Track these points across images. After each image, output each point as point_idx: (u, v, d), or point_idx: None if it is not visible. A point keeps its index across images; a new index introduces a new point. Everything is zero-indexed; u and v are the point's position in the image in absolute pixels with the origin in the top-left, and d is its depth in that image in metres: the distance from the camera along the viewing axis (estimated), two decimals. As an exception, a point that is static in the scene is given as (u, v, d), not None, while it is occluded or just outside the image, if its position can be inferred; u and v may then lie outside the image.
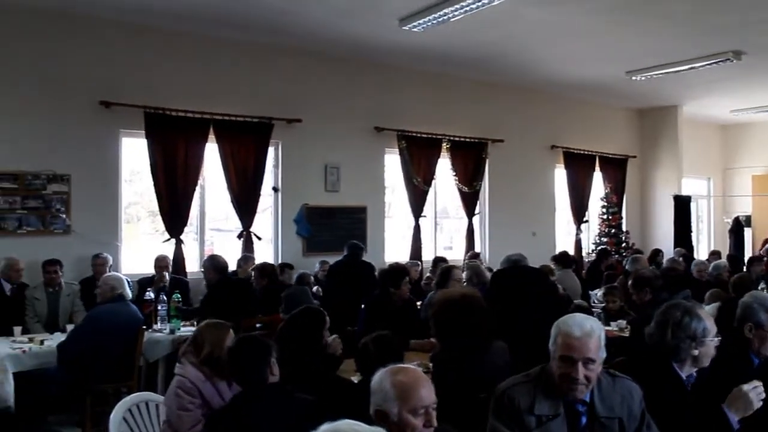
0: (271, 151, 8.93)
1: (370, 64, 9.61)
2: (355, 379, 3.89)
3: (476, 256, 9.89)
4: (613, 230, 12.35)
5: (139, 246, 8.64)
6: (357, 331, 5.42)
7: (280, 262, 8.54)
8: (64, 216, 7.47)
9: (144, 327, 5.92)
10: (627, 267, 8.51)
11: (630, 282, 5.72)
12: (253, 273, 7.20)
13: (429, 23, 7.67)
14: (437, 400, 2.41)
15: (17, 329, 6.10)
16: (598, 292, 8.51)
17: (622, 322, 6.45)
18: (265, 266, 7.25)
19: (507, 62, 9.84)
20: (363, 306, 5.89)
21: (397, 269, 5.87)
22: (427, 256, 10.07)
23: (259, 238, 8.73)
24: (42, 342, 5.80)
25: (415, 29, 7.92)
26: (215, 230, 9.06)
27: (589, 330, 2.66)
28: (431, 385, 2.42)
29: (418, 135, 10.04)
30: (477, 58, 9.55)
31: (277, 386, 3.15)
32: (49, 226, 7.41)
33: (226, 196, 8.60)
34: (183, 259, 8.11)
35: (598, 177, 12.76)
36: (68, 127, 7.49)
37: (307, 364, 3.68)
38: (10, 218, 7.20)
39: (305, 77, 9.13)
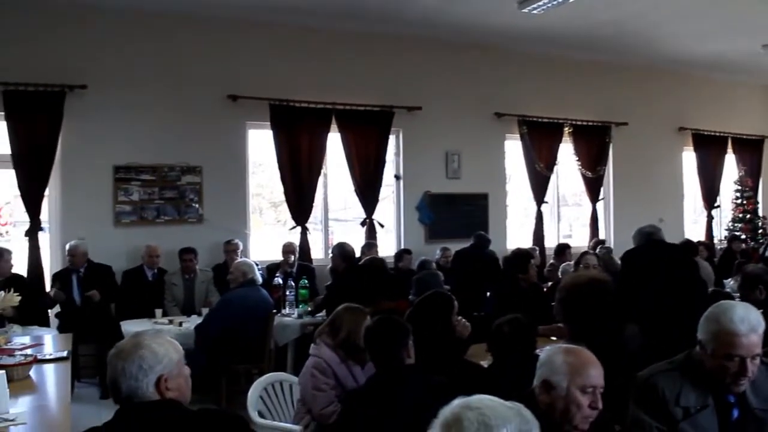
0: (392, 139, 8.99)
1: (488, 49, 9.49)
2: (485, 363, 3.87)
3: (601, 243, 9.61)
4: (748, 216, 11.66)
5: (264, 236, 8.94)
6: (484, 317, 5.40)
7: (400, 249, 8.63)
8: (196, 205, 7.84)
9: (273, 311, 6.12)
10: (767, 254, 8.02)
11: (738, 283, 5.09)
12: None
13: (548, 4, 7.49)
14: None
15: (159, 312, 6.47)
16: (731, 281, 8.07)
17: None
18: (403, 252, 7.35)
19: (629, 41, 9.46)
20: (489, 293, 5.87)
21: (522, 253, 5.82)
22: (549, 243, 9.87)
23: (382, 226, 8.83)
24: (180, 324, 6.13)
25: (534, 11, 7.75)
26: (334, 220, 9.22)
27: (755, 324, 2.43)
28: (601, 369, 2.38)
29: (539, 120, 9.84)
30: (598, 38, 9.24)
31: (412, 368, 3.18)
32: (184, 215, 7.80)
33: (346, 186, 8.75)
34: (309, 247, 8.32)
35: (730, 160, 12.03)
36: (199, 121, 7.84)
37: (436, 348, 3.70)
38: (150, 208, 7.64)
39: (424, 65, 9.12)
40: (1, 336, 5.11)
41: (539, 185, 9.91)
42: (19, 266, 6.87)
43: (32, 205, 7.16)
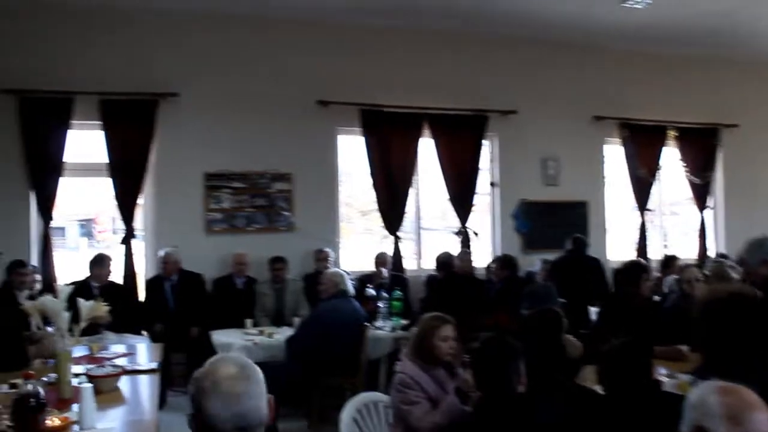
0: (486, 144, 8.67)
1: (586, 48, 9.02)
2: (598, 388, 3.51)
3: (723, 256, 8.94)
4: None
5: (355, 244, 8.76)
6: (590, 335, 5.01)
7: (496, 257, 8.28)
8: (287, 213, 7.73)
9: (366, 323, 5.90)
10: None
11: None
12: (492, 264, 7.00)
13: (651, -3, 7.04)
14: None
15: (249, 321, 6.34)
16: None
17: None
18: (506, 257, 7.02)
19: (742, 34, 8.74)
20: (598, 308, 5.47)
21: (636, 265, 5.39)
22: (652, 254, 9.30)
23: (476, 234, 8.51)
24: (271, 335, 5.97)
25: (636, 5, 7.30)
26: (425, 229, 8.94)
27: None
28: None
29: (642, 123, 9.28)
30: (706, 32, 8.57)
31: (524, 396, 2.87)
32: (274, 223, 7.70)
33: (439, 193, 8.48)
34: (401, 257, 8.09)
35: None
36: (289, 127, 7.74)
37: (547, 371, 3.37)
38: (240, 216, 7.58)
39: (518, 66, 8.76)
40: (96, 343, 5.09)
41: (641, 192, 9.36)
42: (115, 273, 6.92)
43: (127, 213, 7.22)
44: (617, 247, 9.47)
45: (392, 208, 8.10)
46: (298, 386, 5.60)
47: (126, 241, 7.24)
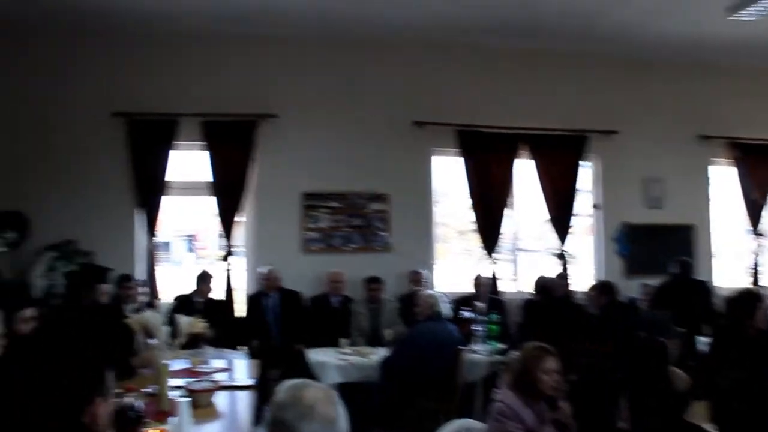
0: (587, 165, 8.43)
1: (691, 65, 8.63)
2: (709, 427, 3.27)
3: None
4: None
5: (451, 266, 8.65)
6: (699, 368, 4.72)
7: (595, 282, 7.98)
8: (383, 233, 7.73)
9: (462, 347, 5.77)
10: None
11: None
12: (590, 291, 6.78)
13: (763, 10, 6.64)
14: None
15: (344, 341, 6.33)
16: None
17: None
18: (604, 283, 6.77)
19: None
20: (707, 336, 5.16)
21: (749, 294, 5.04)
22: (766, 281, 8.75)
23: (574, 258, 8.25)
24: (366, 355, 5.94)
25: (745, 18, 6.91)
26: (522, 250, 8.74)
27: None
28: None
29: (752, 142, 8.78)
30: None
31: None
32: (370, 243, 7.70)
33: (537, 215, 8.29)
34: (498, 279, 7.93)
35: None
36: (386, 148, 7.76)
37: (652, 406, 3.18)
38: (337, 236, 7.63)
39: (619, 85, 8.47)
40: (196, 357, 5.19)
41: (754, 216, 8.84)
42: (216, 288, 7.14)
43: (227, 231, 7.38)
44: (725, 273, 8.98)
45: (489, 229, 7.96)
46: (391, 408, 5.53)
47: (226, 257, 7.40)
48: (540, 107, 8.13)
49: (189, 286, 6.98)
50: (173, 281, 7.70)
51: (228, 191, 7.36)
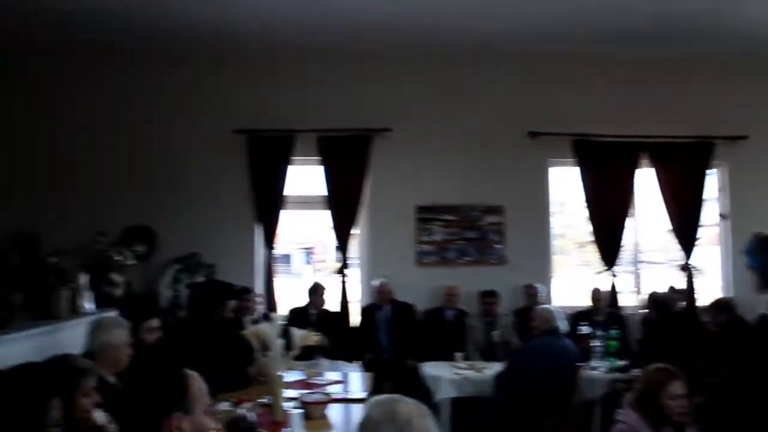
0: (714, 173, 7.99)
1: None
2: None
3: None
4: None
5: (569, 279, 8.42)
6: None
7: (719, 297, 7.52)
8: (499, 246, 7.62)
9: (580, 363, 5.59)
10: None
11: None
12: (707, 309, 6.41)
13: None
14: None
15: (459, 355, 6.27)
16: None
17: None
18: (721, 301, 6.40)
19: None
20: None
21: None
22: None
23: (700, 271, 7.82)
24: (481, 369, 5.86)
25: None
26: (642, 262, 8.35)
27: None
28: None
29: None
30: None
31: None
32: (486, 256, 7.61)
33: (659, 225, 7.93)
34: (618, 293, 7.64)
35: None
36: (500, 160, 7.67)
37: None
38: (452, 249, 7.59)
39: (748, 88, 7.95)
40: (311, 369, 5.27)
41: None
42: (331, 300, 7.31)
43: (342, 244, 7.49)
44: None
45: (608, 241, 7.69)
46: (505, 424, 5.43)
47: (341, 270, 7.51)
48: (661, 114, 7.78)
49: (305, 298, 7.14)
50: (292, 293, 7.89)
51: (343, 205, 7.48)
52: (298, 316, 6.79)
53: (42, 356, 2.81)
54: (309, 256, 11.44)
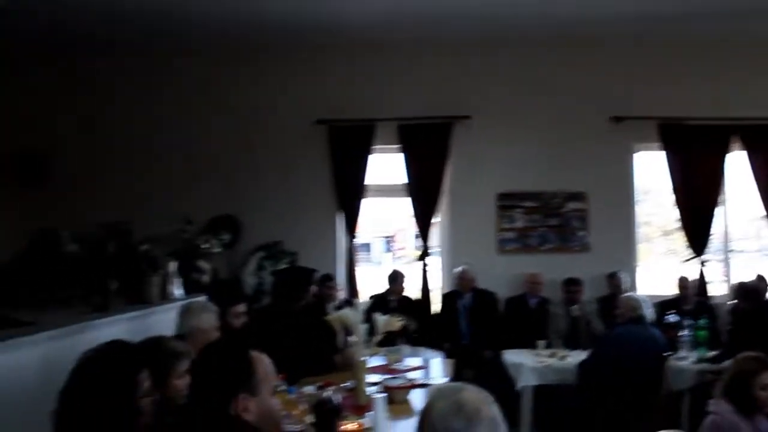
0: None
1: None
2: None
3: None
4: None
5: (654, 267, 8.21)
6: None
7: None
8: (581, 233, 7.50)
9: (667, 353, 5.46)
10: None
11: None
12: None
13: None
14: None
15: (541, 343, 6.22)
16: None
17: None
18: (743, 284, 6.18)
19: None
20: None
21: None
22: None
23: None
24: (563, 357, 5.80)
25: None
26: (733, 251, 8.03)
27: None
28: None
29: None
30: None
31: None
32: (567, 243, 7.51)
33: (752, 211, 7.63)
34: (706, 281, 7.41)
35: None
36: (582, 146, 7.52)
37: None
38: (533, 236, 7.51)
39: None
40: (393, 355, 5.33)
41: None
42: (412, 288, 7.38)
43: (423, 231, 7.53)
44: None
45: (696, 228, 7.45)
46: (589, 413, 5.37)
47: (422, 257, 7.55)
48: (754, 95, 7.46)
49: (385, 286, 7.22)
50: (372, 281, 7.98)
51: (423, 193, 7.51)
52: (378, 303, 6.86)
53: (136, 339, 2.94)
54: (389, 245, 11.52)
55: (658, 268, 8.19)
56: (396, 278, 7.19)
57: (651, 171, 7.81)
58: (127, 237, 6.28)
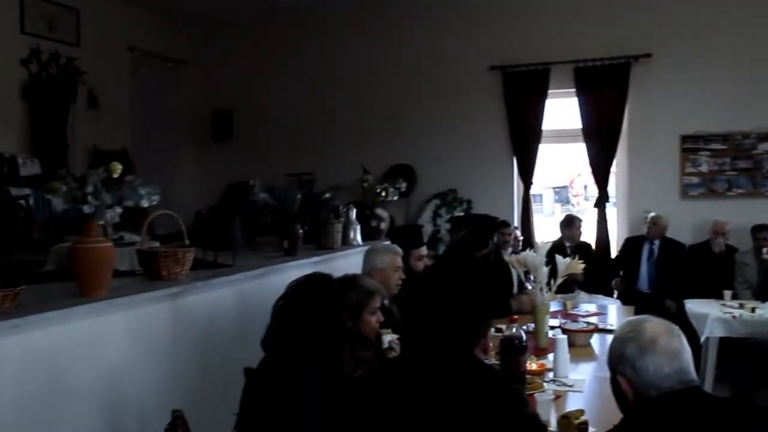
0: None
1: None
2: None
3: None
4: None
5: None
6: None
7: None
8: (776, 177, 6.99)
9: None
10: None
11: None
12: None
13: None
14: None
15: (727, 293, 5.93)
16: None
17: None
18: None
19: None
20: None
21: None
22: None
23: None
24: (753, 309, 5.50)
25: None
26: None
27: None
28: None
29: None
30: None
31: None
32: (759, 188, 7.02)
33: None
34: None
35: None
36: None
37: None
38: (719, 180, 7.10)
39: None
40: (570, 300, 5.35)
41: None
42: (588, 236, 7.27)
43: (600, 178, 7.35)
44: None
45: None
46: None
47: (599, 205, 7.38)
48: None
49: (558, 234, 7.14)
50: (545, 231, 7.92)
51: (600, 138, 7.29)
52: (555, 249, 6.79)
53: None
54: (560, 195, 11.34)
55: None
56: (572, 222, 7.04)
57: None
58: (311, 186, 6.71)
